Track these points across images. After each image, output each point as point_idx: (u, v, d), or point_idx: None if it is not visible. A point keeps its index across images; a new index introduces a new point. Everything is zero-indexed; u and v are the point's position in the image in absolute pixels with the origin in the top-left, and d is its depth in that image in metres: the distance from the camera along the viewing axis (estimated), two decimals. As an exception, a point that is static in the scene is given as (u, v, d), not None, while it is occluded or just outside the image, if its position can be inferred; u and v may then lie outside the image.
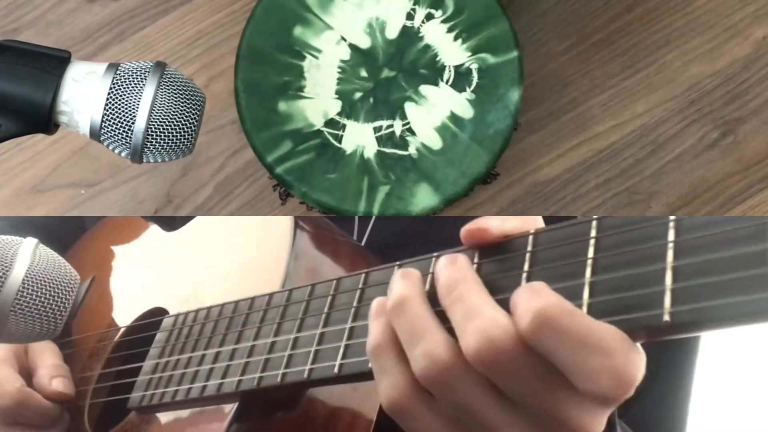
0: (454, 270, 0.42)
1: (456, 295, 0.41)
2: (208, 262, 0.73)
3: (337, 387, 0.59)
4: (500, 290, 0.42)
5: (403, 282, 0.43)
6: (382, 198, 0.79)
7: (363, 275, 0.52)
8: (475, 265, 0.45)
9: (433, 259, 0.48)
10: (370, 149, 0.80)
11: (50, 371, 0.70)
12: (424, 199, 0.79)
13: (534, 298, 0.38)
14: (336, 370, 0.49)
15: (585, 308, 0.39)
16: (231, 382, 0.58)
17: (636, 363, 0.37)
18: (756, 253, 0.34)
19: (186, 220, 0.80)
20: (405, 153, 0.80)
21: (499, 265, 0.44)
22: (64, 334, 0.67)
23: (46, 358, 0.71)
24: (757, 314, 0.34)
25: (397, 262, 0.51)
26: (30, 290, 0.61)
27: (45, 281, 0.62)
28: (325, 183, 0.79)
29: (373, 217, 0.75)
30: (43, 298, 0.62)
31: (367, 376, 0.47)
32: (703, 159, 0.93)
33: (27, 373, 0.71)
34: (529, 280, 0.42)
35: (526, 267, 0.43)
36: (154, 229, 0.83)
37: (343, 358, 0.49)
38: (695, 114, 0.93)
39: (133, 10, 0.98)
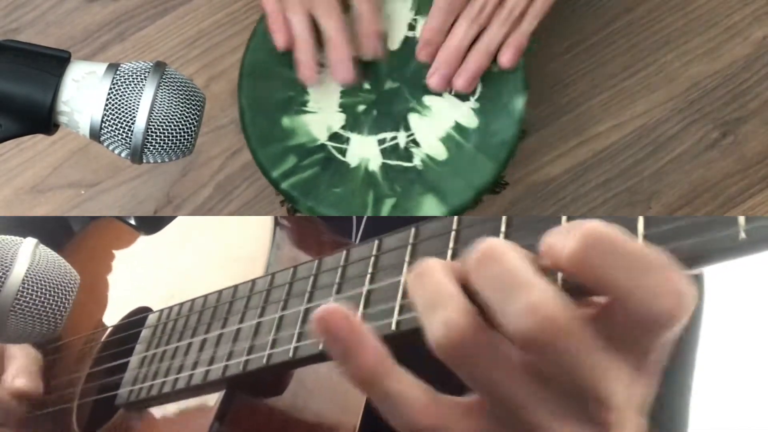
0: (485, 245, 0.37)
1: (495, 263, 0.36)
2: (191, 260, 0.73)
3: (324, 375, 0.59)
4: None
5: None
6: (389, 210, 0.78)
7: (344, 252, 0.53)
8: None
9: (413, 229, 0.49)
10: (375, 162, 0.79)
11: (15, 372, 0.71)
12: (430, 210, 0.77)
13: (578, 225, 0.34)
14: (321, 345, 0.49)
15: None
16: (217, 368, 0.58)
17: (689, 283, 0.33)
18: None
19: (165, 220, 0.81)
20: (410, 165, 0.79)
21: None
22: (50, 340, 0.68)
23: (16, 361, 0.72)
24: (731, 249, 0.34)
25: (377, 237, 0.51)
26: (30, 290, 0.61)
27: (45, 281, 0.62)
28: (330, 197, 0.78)
29: (365, 217, 0.75)
30: (43, 298, 0.62)
31: None
32: (703, 159, 0.93)
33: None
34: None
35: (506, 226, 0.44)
36: (136, 232, 0.84)
37: None
38: (695, 114, 0.93)
39: (133, 10, 0.98)
